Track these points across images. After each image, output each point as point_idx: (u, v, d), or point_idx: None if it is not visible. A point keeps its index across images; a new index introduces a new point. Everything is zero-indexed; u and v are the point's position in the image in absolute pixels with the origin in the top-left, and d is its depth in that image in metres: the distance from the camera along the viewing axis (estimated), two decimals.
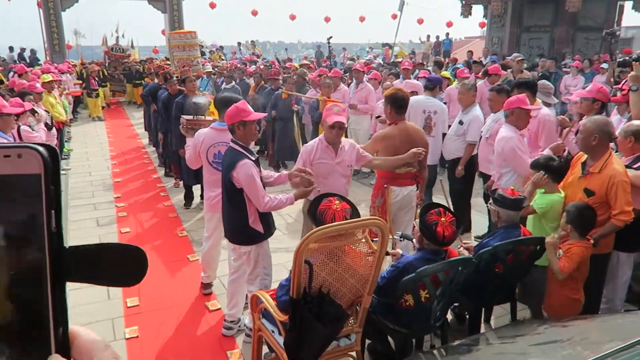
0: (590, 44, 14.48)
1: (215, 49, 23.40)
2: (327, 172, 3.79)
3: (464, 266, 2.93)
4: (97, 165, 9.15)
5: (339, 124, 3.66)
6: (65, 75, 12.53)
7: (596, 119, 3.32)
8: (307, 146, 3.85)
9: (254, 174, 3.21)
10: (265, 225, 3.45)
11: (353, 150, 3.87)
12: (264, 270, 3.54)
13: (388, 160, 4.06)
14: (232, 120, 3.35)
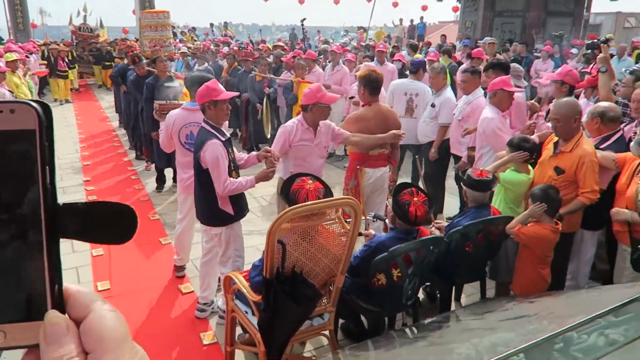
0: (561, 28, 14.71)
1: (187, 30, 22.90)
2: (306, 154, 3.79)
3: (435, 245, 2.97)
4: (65, 149, 8.89)
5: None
6: (30, 56, 12.07)
7: (569, 102, 3.40)
8: (285, 127, 3.80)
9: (219, 155, 3.18)
10: (236, 206, 3.42)
11: (329, 130, 3.87)
12: (236, 252, 3.53)
13: (367, 138, 4.04)
14: (202, 100, 3.30)
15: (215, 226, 3.48)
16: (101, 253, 4.79)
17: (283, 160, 3.81)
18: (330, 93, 3.87)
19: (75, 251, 4.85)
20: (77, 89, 15.95)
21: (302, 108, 3.76)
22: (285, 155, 3.78)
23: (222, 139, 3.28)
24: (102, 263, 4.61)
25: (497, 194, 3.66)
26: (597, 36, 12.81)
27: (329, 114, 3.81)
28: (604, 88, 4.13)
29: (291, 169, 3.76)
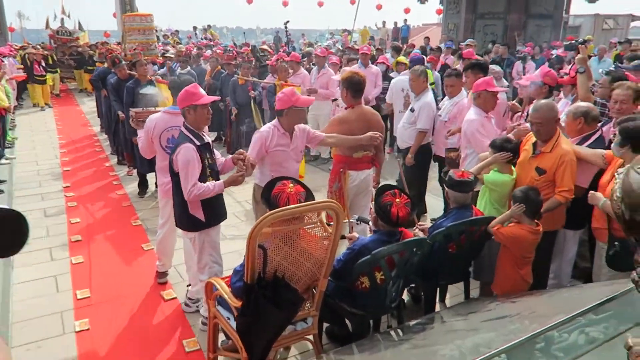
0: (542, 30, 14.92)
1: (170, 33, 22.74)
2: (283, 159, 3.74)
3: (418, 247, 2.96)
4: (45, 154, 8.74)
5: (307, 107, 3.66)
6: (6, 59, 11.83)
7: (549, 105, 3.42)
8: (261, 132, 3.72)
9: (190, 160, 3.15)
10: (208, 212, 3.38)
11: (304, 133, 3.84)
12: (211, 258, 3.49)
13: (343, 139, 4.02)
14: (183, 104, 3.27)
15: (189, 231, 3.46)
16: (81, 260, 4.70)
17: (259, 166, 3.76)
18: (305, 97, 3.85)
19: (53, 259, 4.76)
20: (58, 94, 15.61)
21: (277, 113, 3.70)
22: (262, 161, 3.72)
23: (197, 143, 3.25)
24: (82, 271, 4.52)
25: (482, 196, 3.67)
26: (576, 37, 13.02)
27: (304, 116, 3.78)
28: (582, 88, 4.18)
29: (268, 174, 3.71)
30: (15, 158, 8.42)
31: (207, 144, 3.36)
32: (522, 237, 3.09)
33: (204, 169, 3.27)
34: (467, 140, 4.26)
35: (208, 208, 3.36)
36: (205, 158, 3.28)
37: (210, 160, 3.33)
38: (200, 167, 3.22)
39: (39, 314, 3.85)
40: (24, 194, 6.63)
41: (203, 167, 3.25)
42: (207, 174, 3.29)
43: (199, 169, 3.21)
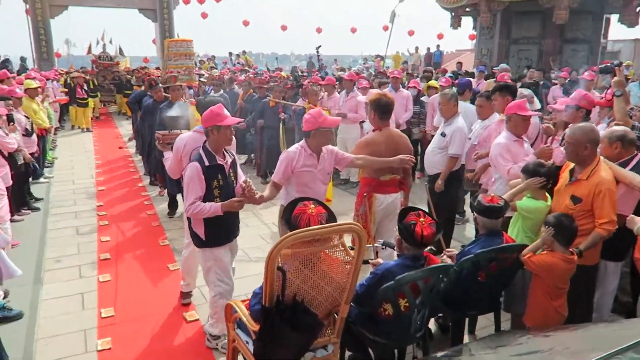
0: (578, 56, 14.59)
1: (206, 58, 23.39)
2: (309, 180, 3.73)
3: (444, 274, 2.85)
4: (81, 174, 9.00)
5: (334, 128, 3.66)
6: (51, 83, 12.37)
7: (584, 127, 3.24)
8: (288, 153, 3.73)
9: (192, 177, 3.24)
10: (210, 232, 3.41)
11: (332, 155, 3.81)
12: (217, 277, 3.51)
13: (373, 161, 3.98)
14: (206, 124, 3.31)
15: (195, 245, 3.54)
16: (108, 279, 4.75)
17: (285, 186, 3.77)
18: (332, 117, 3.82)
19: (82, 277, 4.83)
20: (98, 117, 16.16)
21: (304, 134, 3.71)
22: (288, 181, 3.72)
23: (207, 163, 3.28)
24: (109, 289, 4.55)
25: (514, 223, 3.51)
26: (609, 62, 12.63)
27: (331, 137, 3.76)
28: (620, 112, 4.01)
29: (294, 195, 3.68)
30: (53, 177, 8.70)
31: (219, 165, 3.34)
32: (555, 266, 2.92)
33: (210, 190, 3.29)
34: (493, 164, 4.14)
35: (210, 227, 3.39)
36: (214, 179, 3.29)
37: (222, 181, 3.33)
38: (204, 187, 3.26)
39: (64, 331, 3.88)
40: (59, 212, 6.80)
41: (209, 187, 3.28)
42: (214, 194, 3.30)
43: (201, 188, 3.26)
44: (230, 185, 3.42)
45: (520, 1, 13.51)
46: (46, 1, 19.48)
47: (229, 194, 3.37)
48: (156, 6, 21.63)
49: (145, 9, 21.88)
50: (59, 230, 6.10)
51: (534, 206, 3.39)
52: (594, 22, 14.50)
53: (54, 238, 5.85)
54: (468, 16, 16.83)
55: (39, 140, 7.80)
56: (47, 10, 19.57)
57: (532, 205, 3.39)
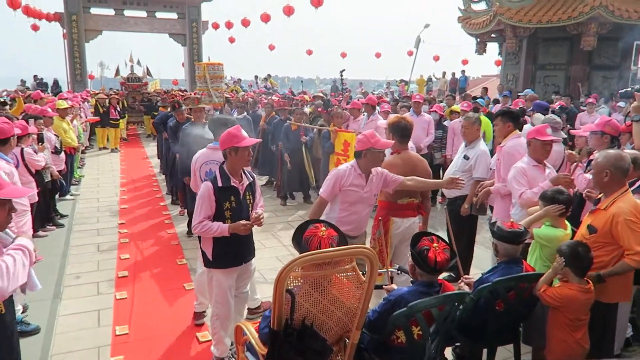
0: (607, 82, 14.34)
1: (233, 82, 23.86)
2: (354, 200, 3.74)
3: (459, 301, 2.76)
4: (106, 192, 9.18)
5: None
6: (82, 103, 12.77)
7: (608, 153, 3.12)
8: (338, 170, 3.77)
9: (203, 196, 3.31)
10: (217, 253, 3.44)
11: (381, 178, 3.80)
12: (217, 298, 3.55)
13: (423, 182, 4.00)
14: (224, 146, 3.34)
15: (203, 264, 3.59)
16: (124, 296, 4.77)
17: (330, 203, 3.79)
18: (385, 140, 3.82)
19: (100, 293, 4.87)
20: (126, 139, 16.29)
21: (356, 154, 3.74)
22: (334, 198, 3.75)
23: (220, 184, 3.31)
24: (124, 307, 4.57)
25: (532, 251, 3.40)
26: None
27: (382, 159, 3.76)
28: (638, 136, 3.89)
29: (337, 213, 3.74)
30: (79, 194, 8.90)
31: (233, 187, 3.36)
32: (572, 297, 2.79)
33: (221, 210, 3.31)
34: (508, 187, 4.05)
35: (219, 248, 3.42)
36: (226, 200, 3.32)
37: (235, 203, 3.34)
38: (213, 207, 3.30)
39: (78, 347, 3.90)
40: (82, 229, 6.93)
41: (220, 208, 3.31)
42: (225, 216, 3.32)
43: (210, 208, 3.31)
44: (244, 208, 3.43)
45: (547, 27, 13.42)
46: (82, 26, 20.34)
47: (241, 216, 3.38)
48: (186, 31, 22.34)
49: (175, 33, 22.60)
50: (80, 247, 6.20)
51: (552, 234, 3.28)
52: (624, 48, 14.27)
53: (76, 254, 5.94)
54: (493, 42, 16.80)
55: (67, 159, 8.02)
56: (82, 34, 20.42)
57: (550, 234, 3.28)
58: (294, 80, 39.63)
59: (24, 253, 2.25)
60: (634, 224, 2.89)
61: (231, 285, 3.57)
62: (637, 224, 2.89)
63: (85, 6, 20.50)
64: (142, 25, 22.15)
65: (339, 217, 3.72)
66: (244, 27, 23.90)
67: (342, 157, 6.65)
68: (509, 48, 14.55)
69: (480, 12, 15.88)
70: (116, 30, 21.97)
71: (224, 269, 3.49)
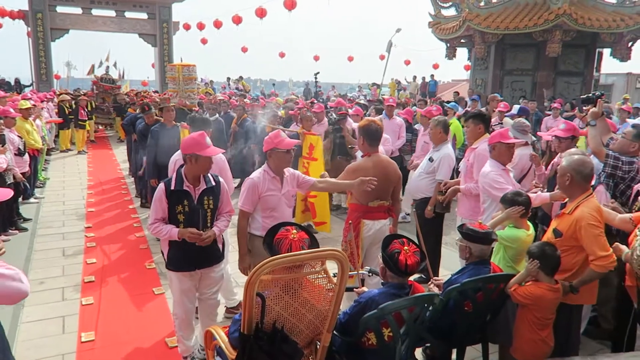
0: (571, 87, 14.79)
1: (204, 83, 23.61)
2: (275, 204, 3.68)
3: (428, 303, 2.79)
4: (72, 195, 8.94)
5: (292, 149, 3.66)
6: (46, 103, 12.40)
7: (571, 158, 3.17)
8: (252, 178, 3.64)
9: (156, 197, 3.30)
10: (173, 255, 3.40)
11: (294, 178, 3.78)
12: (173, 297, 3.55)
13: (335, 184, 4.03)
14: (186, 151, 3.25)
15: None
16: (91, 302, 4.65)
17: (251, 216, 3.70)
18: (290, 139, 3.71)
19: (65, 299, 4.73)
20: (93, 140, 15.93)
21: (266, 157, 3.69)
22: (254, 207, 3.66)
23: (172, 187, 3.25)
24: (91, 312, 4.46)
25: (495, 253, 3.48)
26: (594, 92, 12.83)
27: (290, 160, 3.70)
28: (593, 141, 4.04)
29: (260, 221, 3.67)
30: (44, 197, 8.64)
31: (185, 191, 3.27)
32: (542, 297, 2.87)
33: (174, 214, 3.25)
34: (483, 193, 4.11)
35: (173, 251, 3.38)
36: (178, 204, 3.25)
37: (188, 207, 3.26)
38: (165, 209, 3.26)
39: (41, 355, 3.78)
40: (47, 233, 6.72)
41: (172, 211, 3.25)
42: (178, 219, 3.26)
43: (162, 210, 3.27)
44: (198, 213, 3.31)
45: (514, 34, 13.76)
46: (48, 24, 19.76)
47: (194, 221, 3.28)
48: (156, 31, 21.99)
49: (145, 34, 22.21)
50: (45, 252, 6.01)
51: (515, 235, 3.37)
52: (587, 55, 14.76)
53: (40, 259, 5.76)
54: (463, 47, 17.11)
55: (31, 160, 7.76)
56: (48, 33, 19.85)
57: (513, 235, 3.37)
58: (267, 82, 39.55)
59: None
60: (596, 228, 2.94)
61: (187, 289, 3.47)
62: (599, 228, 2.96)
63: (51, 4, 19.94)
64: (110, 25, 21.68)
65: (262, 225, 3.61)
66: (216, 28, 23.69)
67: (307, 160, 6.64)
68: (478, 53, 14.85)
69: (450, 17, 16.16)
70: (84, 30, 21.42)
71: (176, 272, 3.43)
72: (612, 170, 3.78)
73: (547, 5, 13.51)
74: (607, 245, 2.95)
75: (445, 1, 16.11)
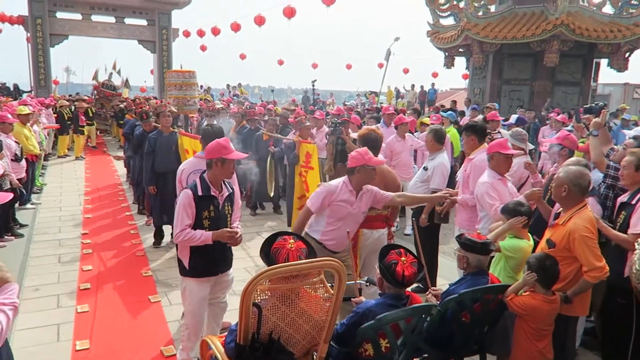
0: (569, 97, 14.86)
1: (203, 90, 23.64)
2: (343, 215, 3.68)
3: (426, 313, 2.77)
4: (69, 201, 8.91)
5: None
6: (45, 109, 12.38)
7: (569, 169, 3.20)
8: (330, 185, 3.72)
9: (182, 205, 3.28)
10: (195, 262, 3.41)
11: (370, 195, 3.75)
12: (189, 307, 3.52)
13: (414, 197, 4.14)
14: (211, 155, 3.30)
15: (180, 272, 3.55)
16: (86, 310, 4.62)
17: (316, 216, 3.74)
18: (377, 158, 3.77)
19: (60, 307, 4.69)
20: (94, 147, 15.84)
21: (348, 171, 3.68)
22: (321, 213, 3.70)
23: (200, 193, 3.30)
24: (86, 320, 4.42)
25: (496, 263, 3.47)
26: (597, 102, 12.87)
27: (374, 177, 3.70)
28: (594, 151, 4.04)
29: (322, 227, 3.70)
30: (40, 203, 8.60)
31: (212, 197, 3.34)
32: (537, 308, 2.86)
33: (200, 220, 3.29)
34: (479, 202, 4.10)
35: (197, 258, 3.38)
36: (205, 209, 3.29)
37: (213, 213, 3.32)
38: (193, 215, 3.28)
39: None
40: (43, 239, 6.68)
41: (199, 217, 3.28)
42: (204, 225, 3.29)
43: (191, 216, 3.28)
44: (222, 218, 3.41)
45: (512, 43, 13.83)
46: (47, 30, 19.78)
47: (219, 226, 3.36)
48: (156, 38, 22.02)
49: (145, 40, 22.24)
50: (40, 258, 5.97)
51: (517, 245, 3.36)
52: (584, 65, 14.84)
53: (35, 266, 5.72)
54: (461, 56, 17.20)
55: (28, 166, 7.73)
56: (47, 38, 19.86)
57: (516, 245, 3.36)
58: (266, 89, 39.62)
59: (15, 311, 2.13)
60: (590, 240, 2.96)
61: (205, 296, 3.52)
62: (593, 239, 2.97)
63: (51, 10, 19.96)
64: (110, 31, 21.70)
65: (324, 230, 3.69)
66: (214, 35, 23.76)
67: (303, 169, 6.62)
68: (476, 63, 14.92)
69: (448, 27, 16.25)
70: (83, 36, 21.42)
71: (198, 278, 3.44)
72: (613, 181, 3.79)
73: (544, 15, 13.61)
74: (601, 256, 2.99)
75: (443, 10, 16.20)
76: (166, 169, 5.94)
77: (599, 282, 3.03)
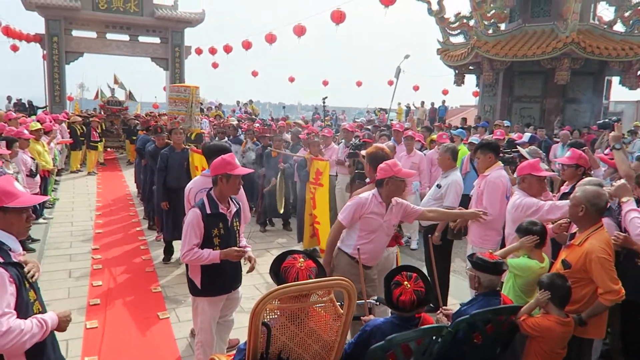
0: (580, 115, 14.78)
1: (214, 106, 23.88)
2: (373, 228, 3.68)
3: (437, 334, 2.73)
4: (81, 216, 8.98)
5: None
6: (59, 125, 12.56)
7: (586, 189, 3.15)
8: (360, 198, 3.71)
9: (190, 224, 3.27)
10: (207, 281, 3.40)
11: (400, 208, 3.74)
12: (201, 325, 3.50)
13: (445, 213, 4.10)
14: (216, 172, 3.31)
15: (190, 292, 3.54)
16: (95, 325, 4.62)
17: (347, 231, 3.74)
18: (406, 170, 3.75)
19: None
20: (103, 163, 15.84)
21: (377, 183, 3.68)
22: (352, 225, 3.69)
23: (208, 211, 3.29)
24: (95, 336, 4.42)
25: (506, 282, 3.43)
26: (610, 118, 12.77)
27: (404, 188, 3.70)
28: (623, 164, 3.96)
29: (354, 240, 3.68)
30: (52, 218, 8.67)
31: (221, 214, 3.35)
32: (549, 329, 2.81)
33: (210, 238, 3.28)
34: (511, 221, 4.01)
35: (208, 276, 3.37)
36: (214, 227, 3.29)
37: (223, 230, 3.31)
38: (202, 234, 3.27)
39: None
40: (54, 254, 6.73)
41: (208, 235, 3.28)
42: (214, 243, 3.28)
43: (199, 235, 3.26)
44: (231, 235, 3.41)
45: (522, 61, 13.84)
46: (63, 47, 20.17)
47: (229, 244, 3.36)
48: (168, 55, 22.34)
49: (158, 57, 22.58)
50: (51, 273, 6.00)
51: (525, 265, 3.31)
52: (595, 83, 14.79)
53: (46, 281, 5.74)
54: (471, 74, 17.23)
55: (41, 181, 7.83)
56: (63, 56, 20.23)
57: (523, 264, 3.32)
58: (276, 106, 39.92)
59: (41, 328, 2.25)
60: (607, 262, 2.91)
61: (216, 314, 3.53)
62: (610, 261, 2.92)
63: (67, 28, 20.37)
64: (124, 49, 22.07)
65: (356, 244, 3.66)
66: (226, 53, 24.08)
67: (313, 186, 6.61)
68: (486, 80, 14.93)
69: (458, 44, 16.32)
70: (98, 53, 21.82)
71: (211, 297, 3.44)
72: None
73: (555, 33, 13.63)
74: (617, 279, 2.93)
75: (453, 29, 16.28)
76: (178, 185, 5.98)
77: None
